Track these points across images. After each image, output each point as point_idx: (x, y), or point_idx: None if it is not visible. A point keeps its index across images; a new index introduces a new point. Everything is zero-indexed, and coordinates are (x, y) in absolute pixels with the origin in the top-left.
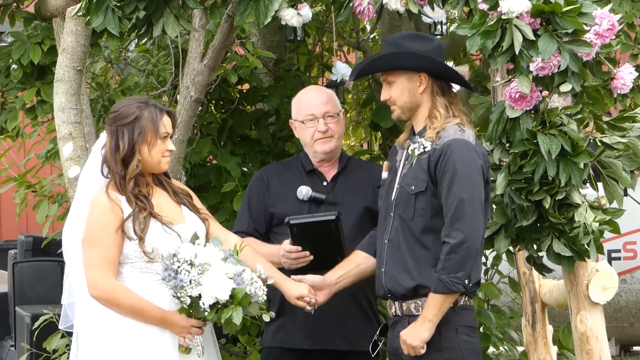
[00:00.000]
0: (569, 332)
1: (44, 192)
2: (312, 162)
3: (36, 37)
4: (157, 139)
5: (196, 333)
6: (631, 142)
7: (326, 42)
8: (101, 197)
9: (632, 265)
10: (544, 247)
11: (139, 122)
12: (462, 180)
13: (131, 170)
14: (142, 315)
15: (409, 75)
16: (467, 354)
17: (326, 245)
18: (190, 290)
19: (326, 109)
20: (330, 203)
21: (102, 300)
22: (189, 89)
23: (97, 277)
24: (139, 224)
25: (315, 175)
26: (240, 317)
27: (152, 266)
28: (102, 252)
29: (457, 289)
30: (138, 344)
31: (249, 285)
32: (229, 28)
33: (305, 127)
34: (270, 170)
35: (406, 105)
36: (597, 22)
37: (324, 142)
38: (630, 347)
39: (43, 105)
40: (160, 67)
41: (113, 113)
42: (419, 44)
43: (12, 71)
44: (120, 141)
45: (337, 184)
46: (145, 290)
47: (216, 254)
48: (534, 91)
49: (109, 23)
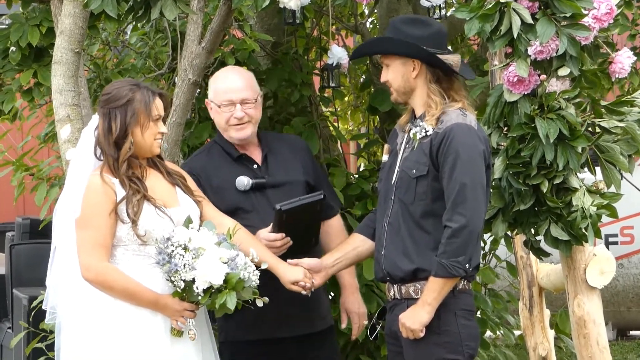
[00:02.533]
0: (567, 317)
1: (42, 175)
2: (236, 147)
3: (34, 19)
4: (150, 121)
5: (189, 316)
6: (629, 127)
7: (324, 25)
8: (95, 179)
9: (630, 250)
10: (542, 231)
11: (131, 105)
12: (464, 165)
13: (124, 153)
14: (135, 298)
15: (403, 60)
16: (465, 338)
17: (307, 227)
18: (184, 275)
19: (244, 96)
20: (273, 185)
21: (95, 283)
22: (187, 72)
23: (89, 259)
24: (132, 206)
25: (245, 161)
26: (234, 302)
27: (145, 249)
28: (95, 234)
29: (458, 273)
30: (128, 326)
31: (242, 270)
32: (227, 11)
33: (221, 111)
34: (196, 164)
35: (400, 88)
36: (595, 6)
37: (240, 129)
38: (627, 332)
39: (40, 87)
40: (158, 49)
41: (105, 95)
42: (418, 29)
43: (11, 53)
44: (113, 123)
45: (269, 165)
46: (138, 273)
47: (210, 238)
48: (532, 75)
49: (106, 5)
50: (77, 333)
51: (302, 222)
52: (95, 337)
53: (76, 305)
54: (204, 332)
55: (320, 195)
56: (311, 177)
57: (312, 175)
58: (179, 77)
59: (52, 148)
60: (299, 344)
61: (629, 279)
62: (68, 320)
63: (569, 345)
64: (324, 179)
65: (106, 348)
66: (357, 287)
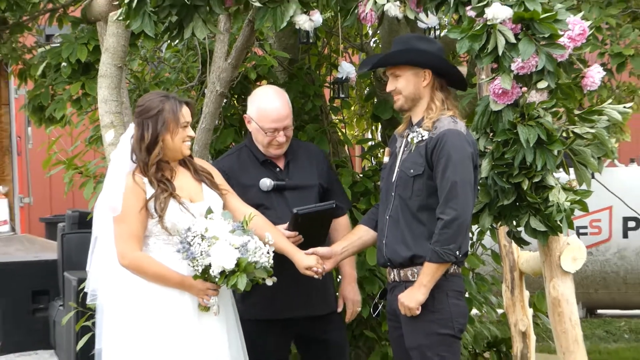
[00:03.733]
0: (543, 297)
1: (89, 173)
2: (263, 154)
3: (82, 38)
4: (178, 127)
5: (212, 295)
6: (598, 133)
7: (333, 44)
8: (129, 180)
9: (597, 240)
10: (522, 223)
11: (162, 115)
12: (455, 165)
13: (153, 157)
14: (164, 280)
15: (415, 71)
16: (455, 315)
17: (318, 229)
18: (202, 260)
19: (286, 123)
20: (291, 188)
21: (130, 268)
22: (215, 84)
23: (124, 248)
24: (159, 204)
25: (269, 164)
26: (245, 283)
27: (173, 239)
28: (128, 227)
29: (449, 259)
30: (160, 304)
31: (252, 254)
32: (250, 31)
33: (265, 135)
34: (227, 164)
35: (409, 96)
36: (570, 28)
37: (279, 148)
38: (594, 310)
39: (87, 97)
40: (189, 64)
41: (139, 107)
42: (425, 44)
43: (62, 68)
44: (145, 132)
45: (290, 169)
46: (167, 259)
47: (225, 227)
48: (515, 87)
49: (145, 26)
50: (117, 312)
51: (313, 225)
52: (132, 315)
53: (115, 288)
54: (229, 309)
55: (332, 204)
56: (325, 180)
57: (326, 179)
58: (207, 88)
59: (96, 150)
60: (309, 324)
61: (596, 265)
62: (108, 301)
63: (544, 322)
64: (336, 182)
65: (142, 324)
66: (355, 278)
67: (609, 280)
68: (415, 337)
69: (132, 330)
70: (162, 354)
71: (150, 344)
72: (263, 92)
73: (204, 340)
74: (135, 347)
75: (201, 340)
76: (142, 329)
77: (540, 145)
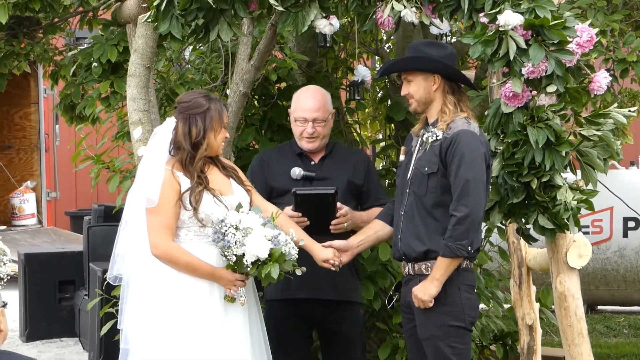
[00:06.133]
0: (548, 292)
1: (115, 169)
2: (300, 147)
3: (112, 39)
4: (221, 127)
5: (240, 286)
6: (605, 135)
7: (350, 49)
8: (166, 173)
9: (599, 239)
10: (531, 221)
11: (209, 113)
12: (468, 164)
13: (201, 152)
14: (195, 271)
15: (425, 76)
16: (467, 308)
17: (321, 213)
18: (236, 250)
19: (316, 116)
20: (320, 179)
21: (162, 258)
22: (238, 85)
23: (157, 239)
24: (194, 196)
25: (305, 157)
26: (277, 272)
27: (205, 231)
28: (162, 219)
29: (462, 254)
30: (190, 294)
31: (283, 246)
32: (272, 35)
33: (297, 125)
34: (268, 153)
35: (421, 99)
36: (578, 35)
37: (309, 142)
38: (595, 306)
39: (115, 95)
40: (213, 66)
41: (185, 103)
42: (436, 50)
43: (93, 68)
44: (194, 127)
45: (324, 164)
46: (198, 250)
47: (257, 220)
48: (525, 91)
49: (173, 28)
50: (144, 298)
51: (316, 207)
52: (160, 301)
53: (143, 274)
54: (251, 299)
55: (332, 189)
56: (359, 179)
57: (362, 178)
58: (231, 89)
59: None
60: (325, 307)
61: (597, 263)
62: (134, 286)
63: (548, 316)
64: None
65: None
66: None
67: (609, 278)
68: (427, 328)
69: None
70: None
71: (175, 330)
72: (303, 88)
73: (228, 333)
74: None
75: (225, 333)
76: (169, 315)
77: (549, 146)
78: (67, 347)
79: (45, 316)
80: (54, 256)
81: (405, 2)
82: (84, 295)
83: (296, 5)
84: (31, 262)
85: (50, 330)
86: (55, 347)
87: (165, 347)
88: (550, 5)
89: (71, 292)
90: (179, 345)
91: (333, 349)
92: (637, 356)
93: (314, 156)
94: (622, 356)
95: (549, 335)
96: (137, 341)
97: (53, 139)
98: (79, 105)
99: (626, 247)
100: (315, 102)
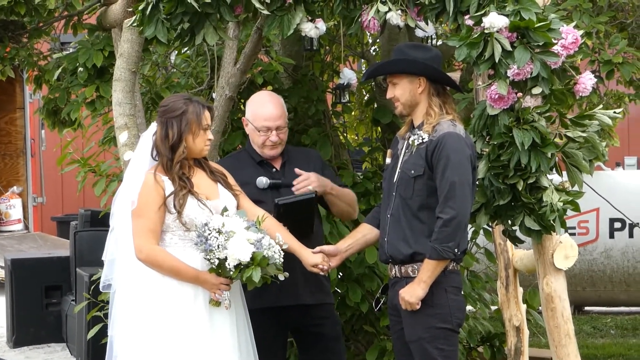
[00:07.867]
0: (535, 294)
1: (101, 173)
2: (260, 155)
3: (98, 44)
4: (200, 129)
5: (225, 289)
6: (590, 137)
7: (336, 52)
8: (149, 177)
9: (585, 240)
10: (517, 222)
11: (185, 115)
12: (454, 166)
13: (178, 155)
14: (179, 274)
15: (411, 79)
16: (454, 310)
17: (303, 219)
18: (218, 254)
19: (279, 123)
20: (287, 185)
21: (146, 262)
22: (224, 89)
23: (142, 243)
24: (178, 200)
25: (266, 165)
26: (259, 276)
27: (189, 234)
28: (146, 222)
29: (448, 256)
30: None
31: (266, 249)
32: (258, 38)
33: (259, 134)
34: (225, 165)
35: (407, 102)
36: (563, 37)
37: (272, 149)
38: (582, 307)
39: (101, 99)
40: (199, 70)
41: (163, 107)
42: (421, 53)
43: (79, 72)
44: (170, 130)
45: (286, 170)
46: (183, 254)
47: (240, 223)
48: (510, 93)
49: (158, 32)
50: (131, 304)
51: (297, 214)
52: (145, 307)
53: (129, 279)
54: (238, 304)
55: (312, 194)
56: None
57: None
58: (217, 92)
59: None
60: (300, 315)
61: (584, 264)
62: (121, 291)
63: (535, 318)
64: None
65: (155, 316)
66: None
67: (595, 279)
68: (415, 330)
69: (144, 322)
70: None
71: (161, 336)
72: (258, 95)
73: (214, 338)
74: (146, 338)
75: (211, 338)
76: (154, 321)
77: (535, 148)
78: (55, 353)
79: (32, 322)
80: (41, 261)
81: (391, 4)
82: (71, 300)
83: (282, 9)
84: (18, 268)
85: (37, 336)
86: (43, 352)
87: (151, 353)
88: (535, 7)
89: (58, 297)
90: (165, 352)
91: (314, 351)
92: (624, 356)
93: (274, 162)
94: (609, 357)
95: (536, 336)
96: (123, 347)
97: (39, 144)
98: (64, 110)
99: (612, 248)
100: (276, 109)
